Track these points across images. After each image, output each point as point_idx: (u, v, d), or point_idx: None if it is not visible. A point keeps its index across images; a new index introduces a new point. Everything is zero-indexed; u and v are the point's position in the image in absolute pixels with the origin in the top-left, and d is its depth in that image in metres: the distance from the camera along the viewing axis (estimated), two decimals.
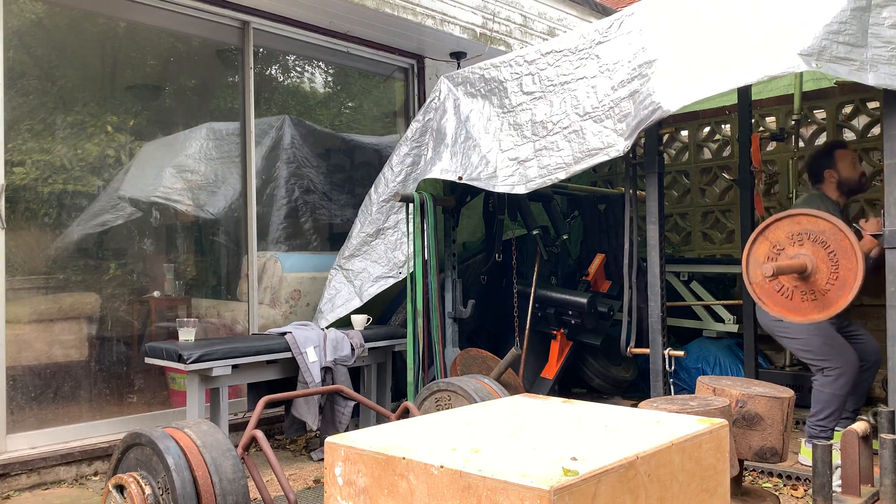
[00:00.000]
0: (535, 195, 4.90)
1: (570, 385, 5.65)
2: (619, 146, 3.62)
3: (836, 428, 3.82)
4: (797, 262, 3.09)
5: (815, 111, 5.69)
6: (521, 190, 4.06)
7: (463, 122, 4.48)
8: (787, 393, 2.70)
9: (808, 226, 3.12)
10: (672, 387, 3.75)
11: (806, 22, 2.99)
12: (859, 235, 3.54)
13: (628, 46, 3.69)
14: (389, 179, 4.88)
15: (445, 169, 4.47)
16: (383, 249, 4.87)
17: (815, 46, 2.91)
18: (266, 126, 5.35)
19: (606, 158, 3.69)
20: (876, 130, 5.40)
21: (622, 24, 3.75)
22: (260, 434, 2.78)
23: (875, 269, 3.39)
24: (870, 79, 2.93)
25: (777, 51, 3.03)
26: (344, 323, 4.81)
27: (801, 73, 5.03)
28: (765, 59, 3.07)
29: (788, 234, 3.15)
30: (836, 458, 2.96)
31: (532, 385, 5.08)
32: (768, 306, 3.20)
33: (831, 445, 2.45)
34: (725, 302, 5.52)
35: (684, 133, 6.46)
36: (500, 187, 4.14)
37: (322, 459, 4.07)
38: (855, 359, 3.71)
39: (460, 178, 4.36)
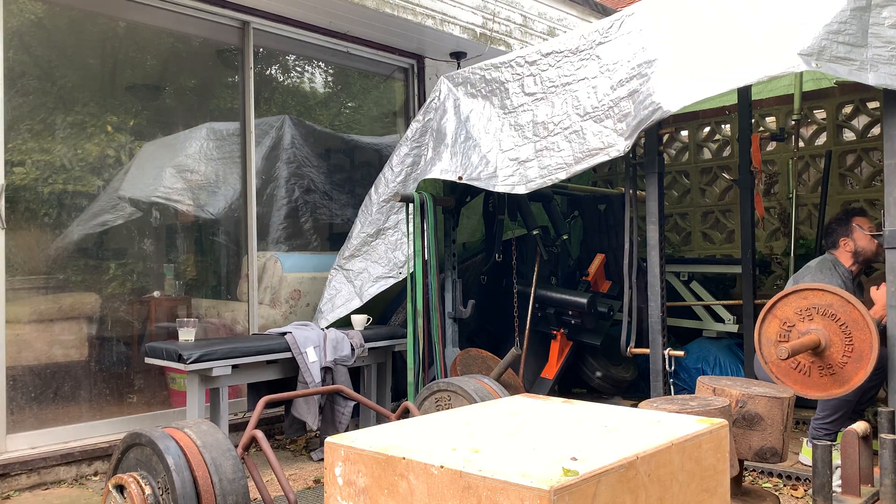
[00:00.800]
0: (535, 195, 4.90)
1: (570, 385, 5.65)
2: (620, 146, 3.62)
3: None
4: (809, 338, 3.04)
5: (815, 111, 5.70)
6: (521, 190, 4.06)
7: (463, 123, 4.48)
8: (787, 393, 2.70)
9: (815, 300, 3.08)
10: (672, 387, 3.75)
11: (806, 22, 2.99)
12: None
13: (628, 46, 3.69)
14: (389, 179, 4.88)
15: (445, 169, 4.47)
16: (383, 249, 4.88)
17: (815, 46, 2.91)
18: (266, 126, 5.35)
19: (607, 158, 3.69)
20: (876, 130, 5.40)
21: (622, 24, 3.75)
22: (260, 434, 2.78)
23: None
24: (870, 79, 2.93)
25: (777, 51, 3.03)
26: (344, 323, 4.81)
27: (801, 73, 5.04)
28: (765, 59, 3.07)
29: (797, 309, 3.12)
30: (836, 458, 2.96)
31: (532, 385, 5.08)
32: (787, 386, 3.12)
33: (831, 445, 2.45)
34: (725, 302, 5.52)
35: (684, 133, 6.46)
36: (500, 187, 4.14)
37: (322, 459, 4.07)
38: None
39: (460, 178, 4.36)
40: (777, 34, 3.08)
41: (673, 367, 3.66)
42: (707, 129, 6.32)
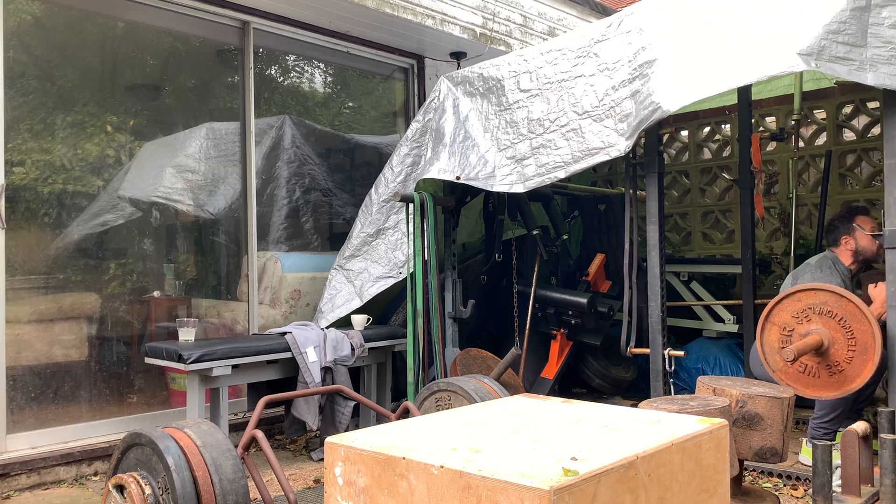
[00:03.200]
0: (535, 195, 4.89)
1: (570, 385, 5.65)
2: (620, 146, 3.62)
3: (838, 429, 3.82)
4: (812, 338, 3.02)
5: (815, 111, 5.70)
6: (519, 189, 4.06)
7: (462, 122, 4.48)
8: (787, 393, 2.70)
9: (809, 300, 3.07)
10: (672, 387, 3.75)
11: (806, 22, 2.99)
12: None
13: (628, 46, 3.69)
14: (390, 179, 4.88)
15: (443, 169, 4.46)
16: (384, 249, 4.87)
17: (815, 46, 2.91)
18: (266, 126, 5.35)
19: (607, 158, 3.69)
20: (876, 130, 5.40)
21: (622, 23, 3.75)
22: (260, 434, 2.78)
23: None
24: (869, 78, 2.93)
25: (777, 50, 3.03)
26: (344, 323, 4.81)
27: (801, 73, 5.04)
28: (765, 58, 3.07)
29: (792, 313, 3.10)
30: (836, 458, 2.96)
31: (532, 385, 5.08)
32: (800, 391, 3.09)
33: (831, 445, 2.45)
34: (725, 302, 5.52)
35: (684, 133, 6.46)
36: (499, 186, 4.14)
37: (322, 459, 4.07)
38: None
39: (458, 178, 4.36)
40: (777, 34, 3.08)
41: (673, 367, 3.66)
42: (707, 129, 6.32)
